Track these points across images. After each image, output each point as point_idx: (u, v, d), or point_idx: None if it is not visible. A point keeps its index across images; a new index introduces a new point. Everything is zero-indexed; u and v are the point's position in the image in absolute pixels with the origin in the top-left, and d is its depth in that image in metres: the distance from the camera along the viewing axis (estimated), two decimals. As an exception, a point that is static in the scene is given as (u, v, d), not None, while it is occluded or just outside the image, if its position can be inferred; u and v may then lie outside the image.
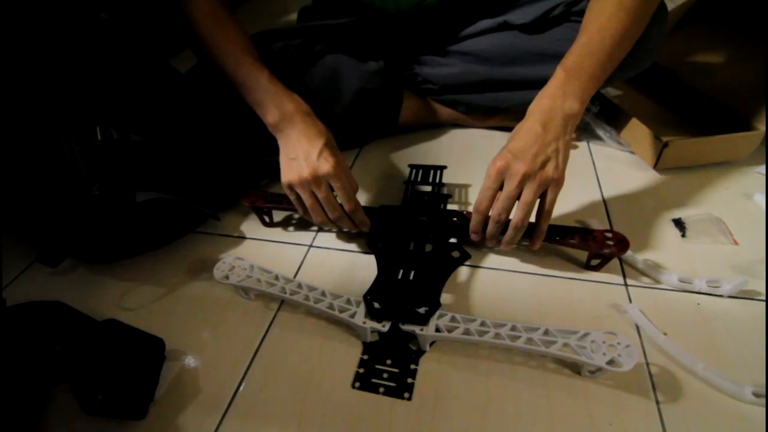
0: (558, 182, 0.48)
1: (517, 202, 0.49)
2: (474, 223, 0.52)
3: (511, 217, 0.50)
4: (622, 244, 0.53)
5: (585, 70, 0.50)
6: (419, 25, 0.79)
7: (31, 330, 0.48)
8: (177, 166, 0.63)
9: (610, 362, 0.41)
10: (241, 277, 0.53)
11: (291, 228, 0.66)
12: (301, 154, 0.54)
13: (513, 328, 0.45)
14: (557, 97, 0.49)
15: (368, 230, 0.59)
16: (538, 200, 0.49)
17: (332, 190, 0.55)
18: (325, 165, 0.53)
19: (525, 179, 0.47)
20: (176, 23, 0.62)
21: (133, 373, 0.43)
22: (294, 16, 0.94)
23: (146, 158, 0.62)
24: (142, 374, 0.44)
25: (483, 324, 0.46)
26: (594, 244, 0.53)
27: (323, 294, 0.51)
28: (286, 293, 0.51)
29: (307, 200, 0.55)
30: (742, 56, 0.79)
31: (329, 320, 0.52)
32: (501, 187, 0.49)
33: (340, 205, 0.56)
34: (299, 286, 0.52)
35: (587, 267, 0.56)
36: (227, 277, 0.53)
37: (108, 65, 0.61)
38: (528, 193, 0.48)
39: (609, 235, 0.54)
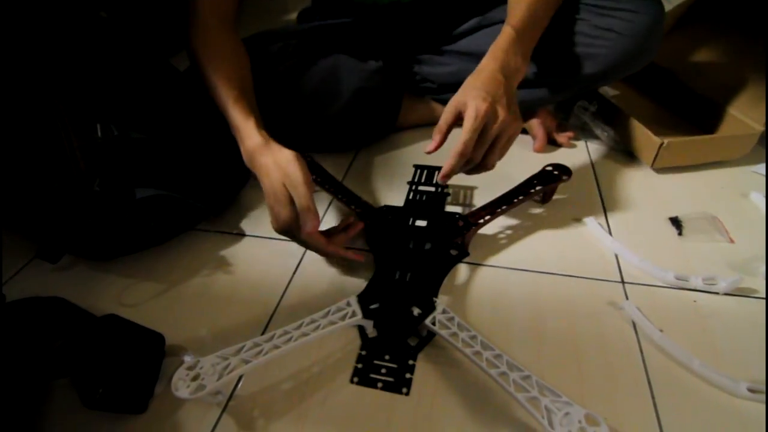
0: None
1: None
2: (457, 165, 0.52)
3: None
4: (564, 169, 0.63)
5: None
6: (413, 24, 0.79)
7: (31, 325, 0.48)
8: (176, 163, 0.64)
9: None
10: (216, 373, 0.41)
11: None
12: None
13: (497, 356, 0.42)
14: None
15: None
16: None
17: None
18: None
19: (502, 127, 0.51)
20: (177, 28, 0.62)
21: (133, 367, 0.43)
22: (294, 15, 0.94)
23: (146, 155, 0.62)
24: (142, 369, 0.44)
25: (473, 338, 0.44)
26: (549, 180, 0.63)
27: (312, 321, 0.46)
28: (279, 347, 0.43)
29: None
30: (739, 56, 0.80)
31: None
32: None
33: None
34: (284, 332, 0.45)
35: (544, 202, 0.66)
36: (202, 387, 0.40)
37: (108, 63, 0.61)
38: (504, 139, 0.52)
39: (549, 168, 0.65)
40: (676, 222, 0.62)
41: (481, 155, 0.52)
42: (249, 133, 0.55)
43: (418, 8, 0.77)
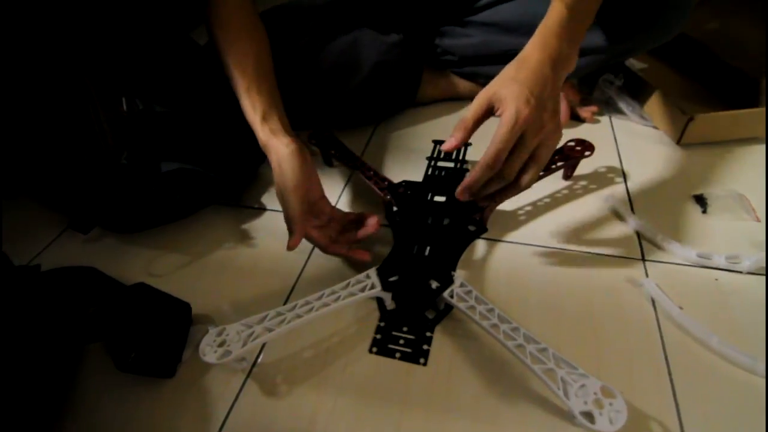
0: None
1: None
2: (482, 178, 0.44)
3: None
4: (587, 145, 0.61)
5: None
6: None
7: (65, 293, 0.50)
8: (198, 137, 0.65)
9: (586, 414, 0.37)
10: (241, 340, 0.43)
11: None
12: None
13: (514, 329, 0.42)
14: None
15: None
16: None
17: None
18: None
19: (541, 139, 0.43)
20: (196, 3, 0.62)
21: (163, 333, 0.45)
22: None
23: (169, 129, 0.63)
24: (171, 335, 0.46)
25: (490, 311, 0.44)
26: (571, 155, 0.61)
27: (333, 292, 0.47)
28: (301, 317, 0.45)
29: None
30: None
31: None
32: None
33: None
34: (306, 302, 0.46)
35: (566, 178, 0.65)
36: (228, 353, 0.41)
37: (131, 38, 0.61)
38: (543, 154, 0.44)
39: (571, 143, 0.63)
40: (700, 200, 0.61)
41: (514, 172, 0.43)
42: (256, 128, 0.54)
43: None
